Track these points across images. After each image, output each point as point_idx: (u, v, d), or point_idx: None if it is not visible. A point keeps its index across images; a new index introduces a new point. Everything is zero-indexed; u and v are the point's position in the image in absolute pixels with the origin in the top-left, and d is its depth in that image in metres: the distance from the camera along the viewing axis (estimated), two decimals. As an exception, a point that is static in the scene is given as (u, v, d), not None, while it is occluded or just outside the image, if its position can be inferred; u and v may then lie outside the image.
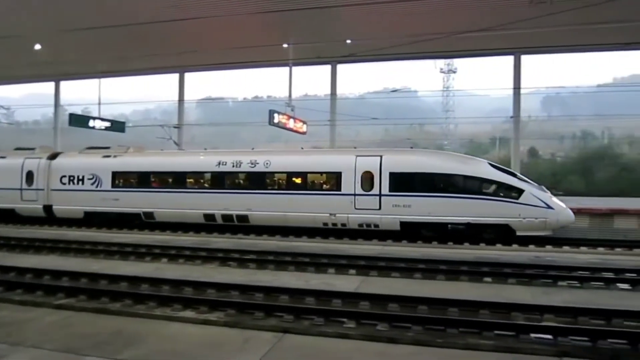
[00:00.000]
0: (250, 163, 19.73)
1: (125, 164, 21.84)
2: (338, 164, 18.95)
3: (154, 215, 20.86)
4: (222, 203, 19.69)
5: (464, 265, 11.62)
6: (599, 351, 6.62)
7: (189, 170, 20.78)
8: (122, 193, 21.39)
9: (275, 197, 19.33)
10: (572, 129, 30.65)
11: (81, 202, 21.78)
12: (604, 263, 12.10)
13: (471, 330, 7.19)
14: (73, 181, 22.06)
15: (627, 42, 19.22)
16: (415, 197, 17.63)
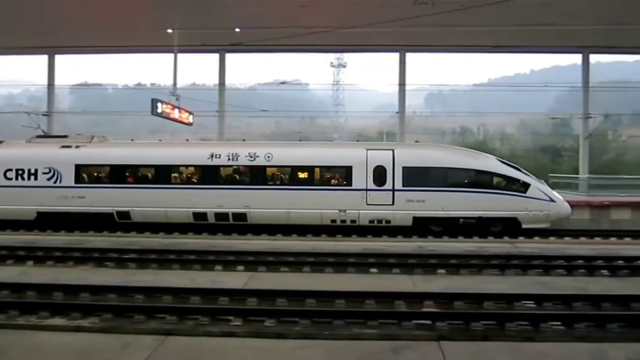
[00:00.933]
0: (248, 156, 17.96)
1: (92, 156, 18.78)
2: (348, 157, 17.93)
3: (130, 215, 18.10)
4: (215, 200, 17.72)
5: (351, 257, 11.81)
6: (472, 333, 7.04)
7: (175, 164, 18.45)
8: (89, 190, 18.28)
9: (277, 193, 17.89)
10: (452, 124, 32.78)
11: (33, 201, 18.20)
12: (478, 251, 12.95)
13: (357, 321, 7.32)
14: (22, 176, 18.44)
15: (495, 45, 20.81)
16: (429, 192, 17.25)
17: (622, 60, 32.54)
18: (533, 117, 29.05)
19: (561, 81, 27.30)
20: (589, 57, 25.89)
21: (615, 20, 18.84)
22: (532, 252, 12.67)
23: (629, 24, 18.33)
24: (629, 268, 11.11)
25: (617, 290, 9.19)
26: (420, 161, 17.63)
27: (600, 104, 25.81)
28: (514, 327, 7.19)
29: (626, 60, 32.80)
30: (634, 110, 28.25)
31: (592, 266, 11.19)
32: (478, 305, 8.24)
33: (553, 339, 6.84)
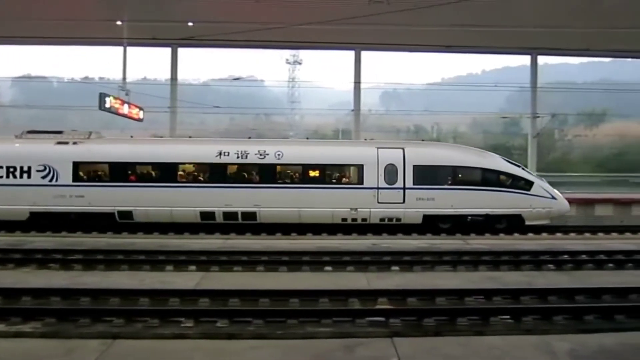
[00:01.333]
0: (258, 154, 17.63)
1: (92, 153, 17.83)
2: (359, 156, 17.93)
3: (133, 215, 17.39)
4: (224, 199, 17.26)
5: (305, 255, 11.77)
6: (424, 328, 7.13)
7: (181, 161, 17.87)
8: (88, 188, 17.43)
9: (288, 191, 17.67)
10: (407, 123, 33.16)
11: (25, 200, 17.16)
12: (431, 247, 13.17)
13: (311, 320, 7.29)
14: (13, 174, 17.31)
15: (448, 45, 21.18)
16: (439, 190, 17.53)
17: (568, 62, 33.78)
18: (484, 116, 29.82)
19: (511, 81, 28.04)
20: (537, 58, 26.75)
21: (561, 24, 19.53)
22: (482, 248, 12.99)
23: (573, 27, 19.05)
24: (574, 262, 11.56)
25: (563, 283, 9.56)
26: (430, 160, 17.86)
27: (547, 104, 26.72)
28: (464, 322, 7.34)
29: (572, 62, 34.09)
30: (579, 111, 29.40)
31: (539, 261, 11.59)
32: (431, 301, 8.37)
33: (502, 332, 7.01)
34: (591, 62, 32.69)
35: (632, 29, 18.90)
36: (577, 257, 11.92)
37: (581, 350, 6.23)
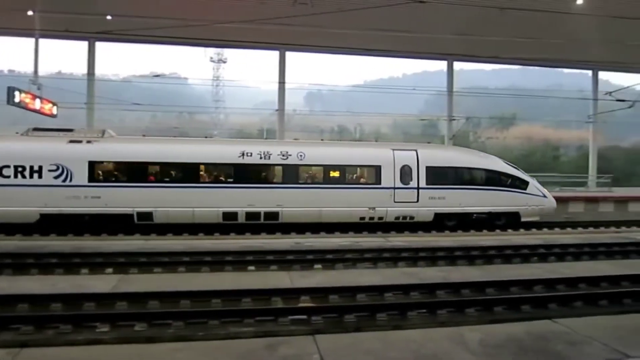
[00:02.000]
0: (281, 155, 17.83)
1: (109, 152, 17.06)
2: (376, 157, 18.55)
3: (153, 216, 16.79)
4: (246, 199, 17.25)
5: (229, 255, 11.67)
6: (345, 325, 7.30)
7: (203, 162, 17.49)
8: (105, 189, 16.65)
9: (310, 191, 17.92)
10: (330, 123, 33.73)
11: (36, 202, 16.11)
12: (353, 245, 13.46)
13: (233, 320, 7.25)
14: (22, 173, 16.18)
15: (369, 49, 21.76)
16: (449, 189, 18.52)
17: (481, 68, 35.72)
18: (404, 118, 30.93)
19: (430, 85, 29.31)
20: (452, 64, 28.09)
21: (475, 32, 20.66)
22: (401, 246, 13.45)
23: (486, 35, 20.20)
24: (484, 257, 12.25)
25: (475, 277, 10.06)
26: (441, 161, 18.86)
27: (463, 108, 28.15)
28: (384, 317, 7.58)
29: (485, 68, 36.11)
30: (491, 114, 31.19)
31: (454, 256, 12.18)
32: (352, 297, 8.57)
33: (418, 325, 7.30)
34: (502, 69, 34.83)
35: (537, 39, 20.31)
36: (487, 252, 12.67)
37: (490, 340, 6.60)
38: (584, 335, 6.72)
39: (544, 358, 6.05)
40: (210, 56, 37.02)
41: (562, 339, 6.61)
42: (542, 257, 12.61)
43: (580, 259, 12.67)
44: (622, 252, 13.51)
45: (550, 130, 34.75)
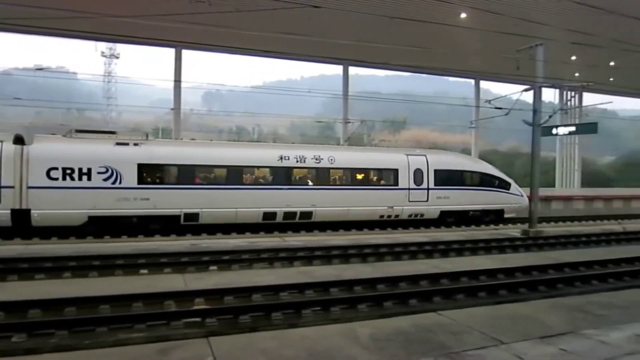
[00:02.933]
0: (314, 158, 19.30)
1: (157, 155, 17.33)
2: (394, 161, 20.65)
3: (199, 217, 17.36)
4: (285, 200, 18.41)
5: (119, 258, 11.20)
6: (241, 325, 7.32)
7: (246, 165, 18.24)
8: (154, 191, 16.95)
9: (339, 192, 19.57)
10: (229, 124, 33.32)
11: (84, 204, 16.01)
12: (249, 246, 13.46)
13: (123, 326, 7.00)
14: (71, 176, 15.91)
15: (268, 50, 21.81)
16: (452, 190, 21.05)
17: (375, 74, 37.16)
18: (302, 119, 31.36)
19: (327, 89, 29.96)
20: (348, 69, 28.99)
21: (367, 39, 21.46)
22: (298, 245, 13.69)
23: (377, 42, 21.09)
24: (376, 255, 12.81)
25: (367, 274, 10.47)
26: (445, 165, 21.08)
27: (358, 111, 29.10)
28: (279, 316, 7.69)
29: (378, 74, 37.61)
30: (384, 118, 32.56)
31: (348, 255, 12.60)
32: (247, 298, 8.58)
33: (313, 323, 7.48)
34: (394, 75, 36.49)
35: (424, 48, 21.57)
36: (379, 250, 13.26)
37: (380, 334, 6.89)
38: (465, 326, 7.23)
39: (428, 348, 6.39)
40: (101, 50, 35.02)
41: (445, 330, 7.07)
42: (428, 253, 13.44)
43: (463, 255, 13.67)
44: (499, 247, 14.79)
45: (437, 134, 37.06)
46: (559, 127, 21.27)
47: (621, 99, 37.33)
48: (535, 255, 13.87)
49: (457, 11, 20.39)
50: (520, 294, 9.56)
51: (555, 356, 6.08)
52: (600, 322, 7.51)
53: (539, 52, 18.32)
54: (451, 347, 6.37)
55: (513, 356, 6.07)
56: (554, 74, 21.16)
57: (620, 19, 19.17)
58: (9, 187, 15.46)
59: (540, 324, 7.43)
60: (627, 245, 16.21)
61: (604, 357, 6.07)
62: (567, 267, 11.80)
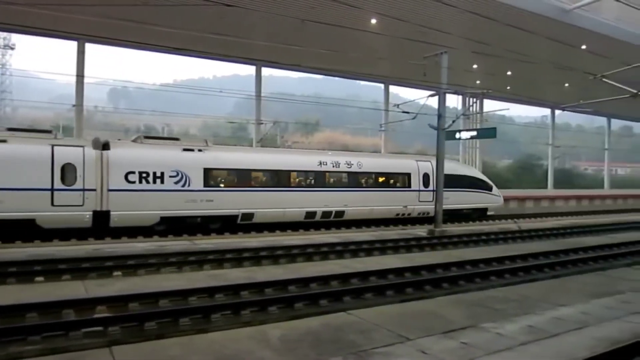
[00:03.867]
0: (346, 164, 22.13)
1: (220, 160, 19.26)
2: (407, 166, 23.94)
3: (254, 216, 19.35)
4: (323, 200, 20.83)
5: (12, 266, 10.39)
6: (146, 333, 7.04)
7: (293, 169, 20.15)
8: (218, 193, 18.74)
9: (366, 193, 22.54)
10: (136, 122, 31.90)
11: (157, 205, 17.44)
12: (157, 249, 12.99)
13: (14, 338, 6.50)
14: (146, 179, 17.31)
15: (179, 48, 21.12)
16: (452, 191, 23.44)
17: (289, 75, 37.32)
18: (214, 119, 30.69)
19: (241, 89, 29.56)
20: (261, 69, 28.77)
21: (281, 40, 21.44)
22: (208, 248, 13.42)
23: (292, 44, 21.14)
24: (288, 256, 12.84)
25: (279, 276, 10.45)
26: (446, 170, 21.66)
27: (271, 112, 29.03)
28: (187, 322, 7.48)
29: (292, 76, 37.82)
30: (297, 119, 32.72)
31: (259, 257, 12.51)
32: (154, 304, 8.26)
33: (222, 327, 7.33)
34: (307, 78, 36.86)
35: (336, 52, 21.94)
36: (291, 252, 13.30)
37: (291, 335, 6.90)
38: (373, 324, 7.42)
39: (338, 347, 6.48)
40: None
41: (354, 329, 7.21)
42: (340, 253, 13.68)
43: (372, 254, 14.05)
44: (406, 246, 15.36)
45: (349, 137, 37.85)
46: (462, 132, 22.66)
47: (517, 106, 40.34)
48: (439, 254, 14.54)
49: (368, 17, 20.92)
50: (426, 292, 9.96)
51: (456, 350, 6.37)
52: (497, 316, 7.99)
53: (443, 59, 19.28)
54: (360, 346, 6.49)
55: (418, 352, 6.31)
56: (457, 80, 22.35)
57: (514, 31, 20.64)
58: (91, 190, 16.43)
59: (444, 319, 7.77)
60: (521, 243, 17.44)
61: (501, 349, 6.43)
62: (469, 265, 12.47)
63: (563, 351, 6.33)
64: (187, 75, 36.52)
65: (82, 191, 16.32)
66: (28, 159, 15.76)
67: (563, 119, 52.61)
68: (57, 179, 16.03)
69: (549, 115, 46.22)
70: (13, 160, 15.49)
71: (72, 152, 16.46)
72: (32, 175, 15.65)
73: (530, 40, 22.56)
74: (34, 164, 15.75)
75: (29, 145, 16.08)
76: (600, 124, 50.69)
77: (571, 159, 55.89)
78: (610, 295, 9.53)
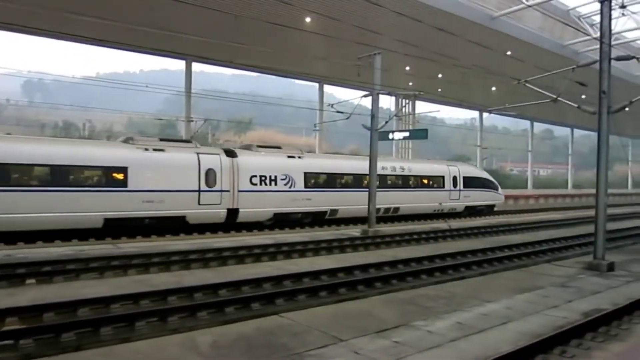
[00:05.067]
0: (400, 168, 26.68)
1: (314, 165, 23.12)
2: (441, 170, 28.92)
3: (338, 212, 23.29)
4: (386, 199, 24.44)
5: None
6: (63, 345, 6.54)
7: (366, 173, 21.16)
8: (313, 192, 22.66)
9: (414, 193, 27.11)
10: (54, 117, 29.83)
11: (271, 204, 21.20)
12: (76, 254, 12.16)
13: None
14: (265, 181, 21.05)
15: (102, 39, 19.90)
16: (472, 191, 29.90)
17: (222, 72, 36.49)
18: (141, 116, 29.32)
19: (170, 84, 28.46)
20: (191, 65, 27.84)
21: (214, 36, 20.76)
22: (133, 252, 12.73)
23: (225, 40, 20.55)
24: (219, 259, 12.43)
25: (209, 279, 10.07)
26: (468, 173, 30.11)
27: (202, 109, 28.16)
28: (109, 331, 7.02)
29: (226, 72, 36.99)
30: (230, 118, 31.96)
31: (188, 260, 12.02)
32: (72, 313, 7.69)
33: (148, 335, 6.96)
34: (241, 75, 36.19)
35: (270, 49, 21.62)
36: (222, 254, 12.90)
37: (222, 341, 6.67)
38: (306, 326, 7.33)
39: (271, 351, 6.35)
40: None
41: (287, 331, 7.09)
42: (273, 255, 13.43)
43: (305, 256, 13.91)
44: (340, 247, 15.36)
45: (283, 136, 37.53)
46: (395, 132, 23.08)
47: (448, 108, 41.72)
48: (373, 254, 14.64)
49: (302, 15, 20.75)
50: (359, 292, 9.95)
51: (389, 349, 6.42)
52: (428, 313, 8.14)
53: (376, 60, 19.45)
54: (293, 349, 6.41)
55: (351, 352, 6.32)
56: (390, 82, 22.65)
57: (444, 35, 21.19)
58: (226, 191, 19.71)
59: (377, 319, 7.82)
60: (451, 242, 17.94)
61: (431, 346, 6.56)
62: (401, 264, 12.60)
63: (489, 346, 6.54)
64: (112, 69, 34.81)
65: (220, 192, 19.61)
66: (182, 166, 18.83)
67: (491, 122, 55.20)
68: (202, 182, 19.21)
69: (478, 117, 48.19)
70: (172, 166, 18.60)
71: (212, 159, 19.76)
72: (185, 179, 18.74)
73: (459, 44, 23.29)
74: (186, 170, 18.87)
75: (182, 153, 19.12)
76: (524, 127, 53.46)
77: (498, 160, 58.60)
78: (532, 291, 9.98)
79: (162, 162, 18.34)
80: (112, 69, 35.58)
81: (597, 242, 12.77)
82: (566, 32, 28.00)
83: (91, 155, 17.16)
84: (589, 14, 27.59)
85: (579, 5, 27.40)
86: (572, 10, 27.88)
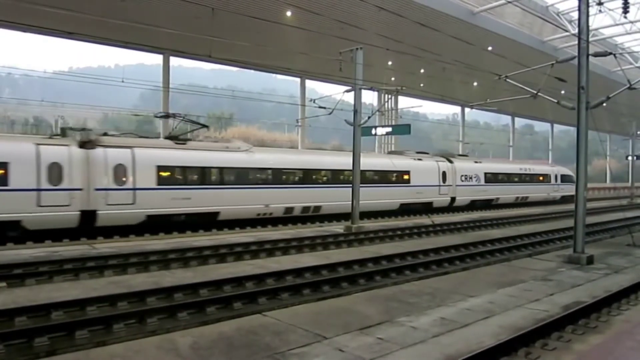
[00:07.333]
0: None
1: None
2: (550, 170, 39.63)
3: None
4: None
5: None
6: (35, 350, 6.30)
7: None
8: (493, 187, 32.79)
9: (535, 186, 36.90)
10: (23, 114, 28.93)
11: (471, 194, 30.95)
12: (50, 256, 11.78)
13: None
14: (467, 179, 30.79)
15: (73, 32, 19.24)
16: (563, 185, 37.95)
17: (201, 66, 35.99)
18: (117, 112, 28.61)
19: (147, 79, 27.85)
20: (169, 59, 27.24)
21: (191, 29, 20.24)
22: (109, 252, 12.39)
23: (203, 34, 20.08)
24: (199, 258, 12.17)
25: (189, 279, 9.83)
26: (561, 172, 38.60)
27: (181, 105, 27.62)
28: (85, 334, 6.80)
29: (205, 67, 36.50)
30: (210, 113, 31.48)
31: (167, 260, 11.74)
32: (45, 317, 7.41)
33: (125, 338, 6.75)
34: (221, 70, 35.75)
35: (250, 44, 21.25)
36: (202, 253, 12.65)
37: (202, 342, 6.51)
38: (289, 324, 7.23)
39: (253, 351, 6.22)
40: None
41: (270, 330, 6.97)
42: (255, 253, 13.20)
43: (288, 253, 13.73)
44: (323, 244, 15.21)
45: (264, 132, 37.28)
46: (377, 128, 22.92)
47: (430, 103, 41.74)
48: (356, 250, 14.52)
49: (283, 9, 20.46)
50: (342, 288, 9.83)
51: (372, 346, 6.38)
52: (411, 309, 8.12)
53: (358, 55, 19.28)
54: (276, 348, 6.32)
55: (335, 350, 6.26)
56: (373, 77, 22.47)
57: (426, 30, 21.11)
58: (451, 186, 29.85)
59: (360, 315, 7.77)
60: (434, 237, 17.92)
61: (415, 342, 6.54)
62: (384, 260, 12.51)
63: (472, 340, 6.57)
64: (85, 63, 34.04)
65: (448, 186, 29.41)
66: (425, 169, 28.11)
67: (472, 117, 55.65)
68: (440, 179, 29.12)
69: (460, 113, 48.45)
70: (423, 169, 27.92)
71: (444, 165, 29.64)
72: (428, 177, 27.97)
73: (441, 39, 23.25)
74: (428, 172, 28.40)
75: (428, 162, 28.81)
76: (505, 122, 53.96)
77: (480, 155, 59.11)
78: (514, 285, 10.05)
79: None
80: (86, 63, 34.83)
81: (577, 236, 12.90)
82: (545, 28, 28.30)
83: None
84: (567, 10, 27.91)
85: (557, 2, 27.71)
86: (551, 6, 28.16)
